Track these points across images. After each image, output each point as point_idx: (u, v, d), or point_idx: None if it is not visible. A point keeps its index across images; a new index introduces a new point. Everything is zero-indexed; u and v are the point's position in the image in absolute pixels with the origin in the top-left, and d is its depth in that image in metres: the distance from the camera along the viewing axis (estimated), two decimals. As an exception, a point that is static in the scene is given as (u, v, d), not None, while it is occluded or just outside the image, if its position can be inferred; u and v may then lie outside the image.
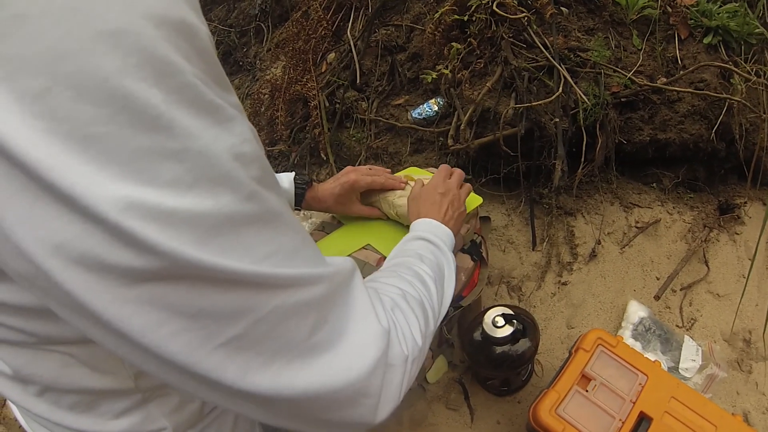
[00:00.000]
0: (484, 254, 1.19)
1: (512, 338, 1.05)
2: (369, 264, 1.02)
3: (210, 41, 0.37)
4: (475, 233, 1.17)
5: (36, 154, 0.30)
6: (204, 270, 0.35)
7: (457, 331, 1.26)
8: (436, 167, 1.49)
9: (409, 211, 0.99)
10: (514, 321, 1.06)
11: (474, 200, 1.11)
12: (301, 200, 1.08)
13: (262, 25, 2.46)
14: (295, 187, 1.06)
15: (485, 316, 1.08)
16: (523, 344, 1.07)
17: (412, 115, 1.65)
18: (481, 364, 1.11)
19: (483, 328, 1.07)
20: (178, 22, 0.34)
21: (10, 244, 0.32)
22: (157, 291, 0.34)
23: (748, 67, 1.51)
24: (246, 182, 0.37)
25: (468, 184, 1.06)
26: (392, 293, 0.61)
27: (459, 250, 1.13)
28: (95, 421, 0.56)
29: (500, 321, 1.06)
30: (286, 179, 1.06)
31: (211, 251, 0.35)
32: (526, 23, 1.47)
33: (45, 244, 0.31)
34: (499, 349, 1.07)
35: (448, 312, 1.09)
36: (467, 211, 1.04)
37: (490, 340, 1.06)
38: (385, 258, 1.01)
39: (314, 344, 0.43)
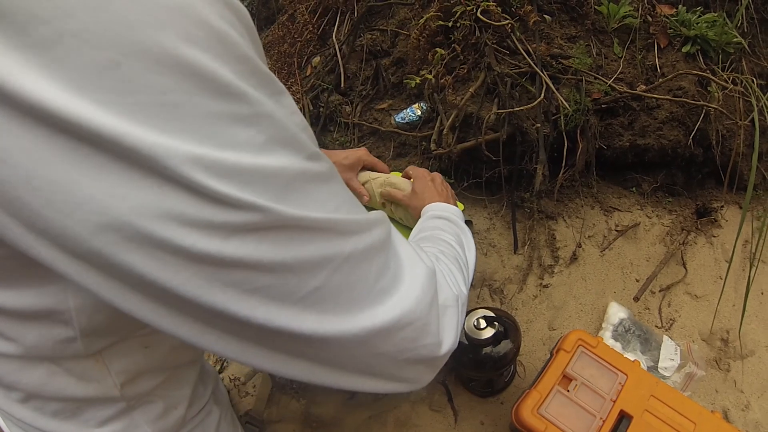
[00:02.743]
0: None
1: (494, 340, 1.06)
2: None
3: (253, 25, 0.40)
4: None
5: (107, 125, 0.30)
6: (285, 221, 0.37)
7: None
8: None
9: (410, 203, 1.04)
10: (496, 323, 1.08)
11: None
12: None
13: (248, 28, 2.46)
14: None
15: (467, 319, 1.09)
16: (505, 346, 1.08)
17: (395, 120, 1.66)
18: (464, 365, 1.12)
19: (465, 331, 1.08)
20: (230, 2, 0.36)
21: (75, 222, 0.32)
22: (241, 248, 0.35)
23: (725, 76, 1.54)
24: (307, 144, 0.40)
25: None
26: (430, 250, 0.65)
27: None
28: (79, 428, 0.57)
29: (482, 323, 1.07)
30: None
31: (289, 204, 0.37)
32: (509, 30, 1.49)
33: (117, 213, 0.32)
34: (481, 351, 1.08)
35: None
36: None
37: (472, 342, 1.07)
38: None
39: (381, 289, 0.45)
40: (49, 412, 0.55)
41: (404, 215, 1.15)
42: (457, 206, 1.02)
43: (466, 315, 1.10)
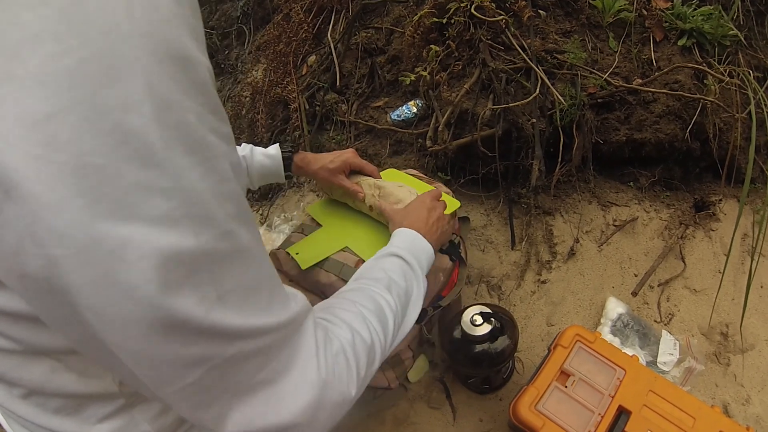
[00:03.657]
0: (463, 254, 1.20)
1: (491, 336, 1.06)
2: (347, 266, 1.03)
3: (210, 74, 0.39)
4: (453, 234, 1.18)
5: (32, 185, 0.30)
6: (173, 318, 0.37)
7: (438, 331, 1.26)
8: (415, 168, 1.51)
9: (392, 218, 0.97)
10: (492, 319, 1.07)
11: (452, 204, 1.12)
12: (289, 164, 1.10)
13: (244, 27, 2.46)
14: (282, 153, 1.09)
15: (463, 315, 1.09)
16: (502, 342, 1.08)
17: (391, 117, 1.66)
18: (461, 362, 1.12)
19: (461, 327, 1.07)
20: (181, 57, 0.35)
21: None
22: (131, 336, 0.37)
23: (721, 69, 1.54)
24: (223, 220, 0.39)
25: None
26: (342, 336, 0.60)
27: (437, 250, 1.13)
28: (80, 424, 0.56)
29: (478, 319, 1.07)
30: (273, 149, 1.10)
31: (181, 297, 0.36)
32: (504, 26, 1.49)
33: (40, 261, 0.33)
34: (478, 348, 1.07)
35: (428, 312, 1.10)
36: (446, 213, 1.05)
37: (468, 339, 1.07)
38: (363, 261, 1.01)
39: (257, 382, 0.45)
40: (50, 408, 0.55)
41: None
42: (441, 244, 0.99)
43: (463, 311, 1.10)
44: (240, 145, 1.08)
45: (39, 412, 0.55)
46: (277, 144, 1.11)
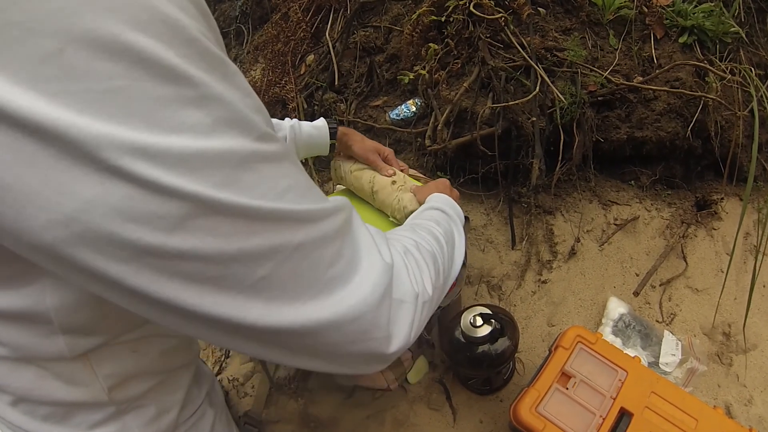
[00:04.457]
0: (463, 254, 1.19)
1: (491, 337, 1.05)
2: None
3: (206, 5, 0.39)
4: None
5: (51, 116, 0.30)
6: (230, 210, 0.36)
7: (437, 332, 1.25)
8: (415, 168, 1.50)
9: (420, 191, 1.05)
10: (493, 320, 1.06)
11: None
12: (334, 134, 1.17)
13: (243, 27, 2.45)
14: (328, 125, 1.16)
15: (463, 316, 1.08)
16: (503, 343, 1.07)
17: (390, 116, 1.65)
18: (461, 364, 1.11)
19: (461, 328, 1.06)
20: None
21: (26, 218, 0.32)
22: (185, 241, 0.35)
23: (723, 66, 1.53)
24: (259, 124, 0.39)
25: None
26: (405, 241, 0.62)
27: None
28: (70, 431, 0.56)
29: (478, 321, 1.06)
30: (320, 121, 1.17)
31: (236, 191, 0.36)
32: (503, 24, 1.48)
33: (66, 209, 0.32)
34: (478, 349, 1.06)
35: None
36: None
37: (469, 340, 1.06)
38: None
39: (332, 278, 0.44)
40: (39, 415, 0.54)
41: (383, 204, 1.14)
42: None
43: (463, 312, 1.09)
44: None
45: (28, 420, 0.55)
46: (323, 118, 1.18)
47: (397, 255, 0.56)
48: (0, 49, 0.29)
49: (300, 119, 1.74)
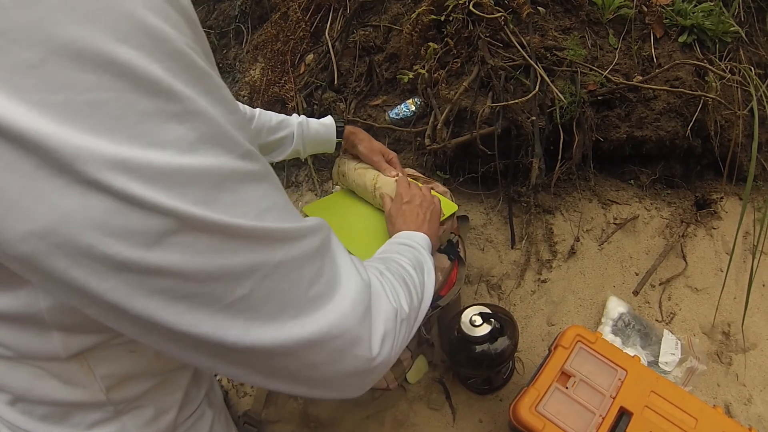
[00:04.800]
0: (461, 254, 1.19)
1: (490, 337, 1.05)
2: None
3: (195, 15, 0.39)
4: (452, 233, 1.17)
5: (32, 126, 0.30)
6: (210, 227, 0.36)
7: (437, 331, 1.25)
8: (414, 167, 1.50)
9: (389, 227, 1.02)
10: (492, 319, 1.06)
11: (449, 208, 1.12)
12: (341, 132, 1.18)
13: (242, 26, 2.45)
14: (336, 122, 1.18)
15: (462, 316, 1.07)
16: (502, 342, 1.07)
17: (389, 116, 1.64)
18: (461, 363, 1.11)
19: (461, 328, 1.06)
20: None
21: (5, 227, 0.31)
22: (165, 257, 0.35)
23: (722, 65, 1.53)
24: (241, 142, 0.39)
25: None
26: (378, 265, 0.63)
27: (436, 250, 1.13)
28: (68, 431, 0.56)
29: (478, 320, 1.06)
30: (327, 119, 1.18)
31: (216, 208, 0.36)
32: (502, 23, 1.48)
33: (44, 221, 0.31)
34: (477, 348, 1.06)
35: (426, 312, 1.09)
36: (443, 218, 1.07)
37: (468, 340, 1.05)
38: None
39: (313, 297, 0.44)
40: (37, 415, 0.54)
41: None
42: (437, 225, 1.01)
43: (462, 312, 1.09)
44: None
45: (26, 420, 0.54)
46: (330, 116, 1.19)
47: (374, 275, 0.57)
48: None
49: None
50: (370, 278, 0.54)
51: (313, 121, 1.16)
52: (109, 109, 0.32)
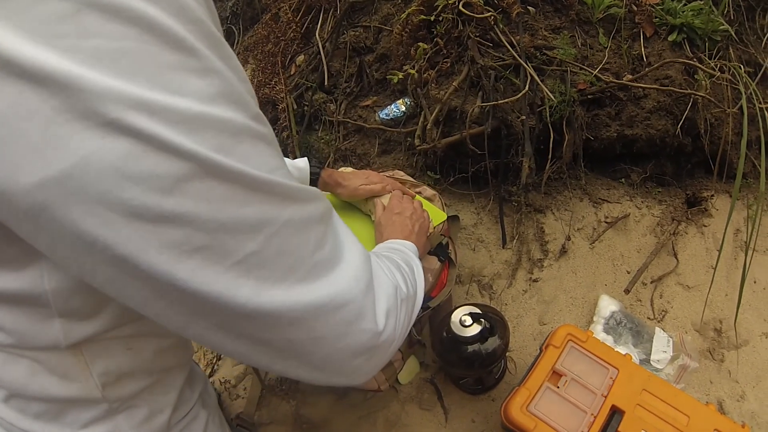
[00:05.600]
0: (452, 255, 1.19)
1: (481, 337, 1.05)
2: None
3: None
4: (442, 234, 1.17)
5: (60, 68, 0.31)
6: (226, 174, 0.37)
7: (428, 332, 1.25)
8: (403, 169, 1.50)
9: (376, 234, 1.03)
10: (482, 319, 1.06)
11: (438, 216, 1.13)
12: (316, 180, 1.12)
13: (233, 27, 2.45)
14: (310, 168, 1.11)
15: (452, 316, 1.07)
16: (493, 342, 1.06)
17: (379, 116, 1.64)
18: (452, 363, 1.11)
19: (451, 328, 1.06)
20: None
21: (21, 175, 0.32)
22: (180, 204, 0.35)
23: (712, 64, 1.53)
24: (252, 106, 0.41)
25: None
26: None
27: (426, 251, 1.13)
28: (62, 430, 0.56)
29: (468, 320, 1.06)
30: (302, 161, 1.12)
31: (233, 157, 0.37)
32: (492, 22, 1.48)
33: (62, 165, 0.32)
34: (468, 348, 1.06)
35: (418, 313, 1.09)
36: (433, 226, 1.09)
37: (459, 340, 1.05)
38: None
39: (318, 262, 0.45)
40: (31, 413, 0.55)
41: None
42: (425, 236, 1.02)
43: (453, 311, 1.08)
44: None
45: (20, 417, 0.55)
46: (306, 158, 1.13)
47: (371, 255, 0.58)
48: (21, 9, 0.30)
49: (290, 120, 1.75)
50: (370, 255, 0.55)
51: (286, 161, 1.13)
52: (137, 58, 0.33)
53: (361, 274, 0.50)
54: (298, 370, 0.48)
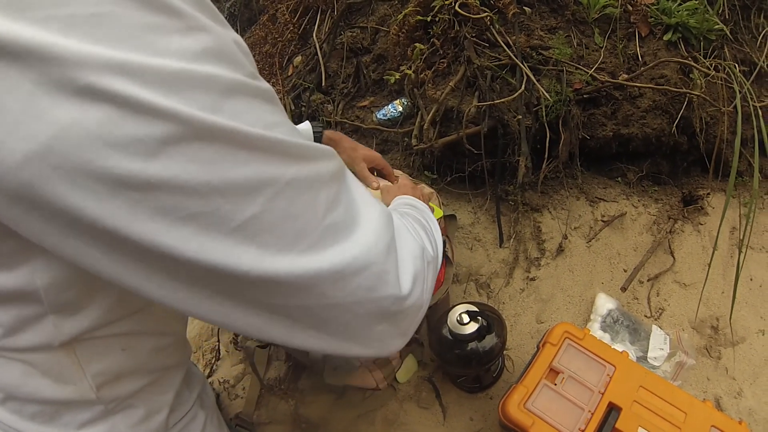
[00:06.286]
0: (449, 253, 1.19)
1: (478, 335, 1.05)
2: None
3: None
4: (440, 232, 1.17)
5: (35, 39, 0.30)
6: (215, 133, 0.34)
7: (426, 330, 1.25)
8: (401, 169, 1.51)
9: (384, 198, 0.99)
10: (479, 317, 1.06)
11: (435, 213, 1.13)
12: (320, 138, 1.09)
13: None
14: (313, 128, 1.08)
15: (449, 315, 1.07)
16: (490, 340, 1.07)
17: (377, 117, 1.65)
18: (450, 362, 1.11)
19: (448, 326, 1.06)
20: None
21: (5, 154, 0.31)
22: (166, 168, 0.33)
23: (707, 63, 1.54)
24: (248, 65, 0.39)
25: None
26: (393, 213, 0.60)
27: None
28: (58, 431, 0.56)
29: (465, 318, 1.06)
30: (304, 124, 1.08)
31: (222, 115, 0.35)
32: (488, 23, 1.48)
33: (42, 137, 0.31)
34: (466, 347, 1.06)
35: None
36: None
37: (456, 338, 1.06)
38: None
39: (331, 224, 0.42)
40: (27, 414, 0.54)
41: None
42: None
43: (450, 309, 1.09)
44: None
45: (17, 418, 0.54)
46: (308, 121, 1.10)
47: (394, 213, 0.54)
48: None
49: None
50: (390, 214, 0.51)
51: None
52: (114, 22, 0.32)
53: (382, 234, 0.46)
54: (319, 342, 0.45)
